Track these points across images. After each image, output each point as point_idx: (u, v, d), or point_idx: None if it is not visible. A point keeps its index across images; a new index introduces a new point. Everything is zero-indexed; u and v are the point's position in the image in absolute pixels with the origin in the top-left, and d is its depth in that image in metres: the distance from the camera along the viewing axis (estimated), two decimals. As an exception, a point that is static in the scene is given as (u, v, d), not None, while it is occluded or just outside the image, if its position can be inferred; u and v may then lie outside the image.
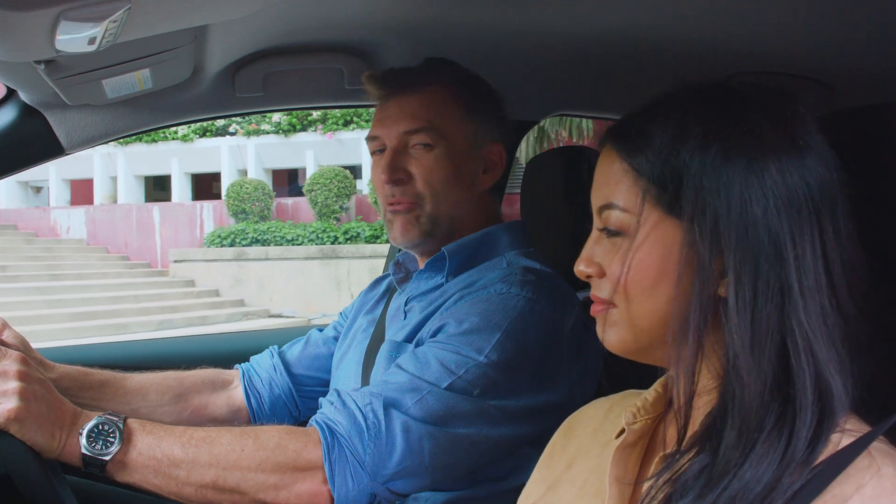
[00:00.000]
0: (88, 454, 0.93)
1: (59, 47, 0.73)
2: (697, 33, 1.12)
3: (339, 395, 1.01)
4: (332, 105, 1.60)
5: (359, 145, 13.01)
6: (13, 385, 0.92)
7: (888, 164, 0.80)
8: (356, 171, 13.44)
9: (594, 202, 0.73)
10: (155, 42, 0.96)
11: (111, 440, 0.93)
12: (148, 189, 15.79)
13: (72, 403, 0.97)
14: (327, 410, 1.00)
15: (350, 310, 1.43)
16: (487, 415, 1.01)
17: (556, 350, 1.07)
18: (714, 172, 0.64)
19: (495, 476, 1.09)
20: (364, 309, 1.38)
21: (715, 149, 0.65)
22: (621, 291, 0.69)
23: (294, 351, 1.40)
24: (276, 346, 1.42)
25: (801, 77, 1.18)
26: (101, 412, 0.96)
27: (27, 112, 1.25)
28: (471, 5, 1.10)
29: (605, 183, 0.72)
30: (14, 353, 0.96)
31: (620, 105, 1.58)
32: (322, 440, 0.96)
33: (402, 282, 1.28)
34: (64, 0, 0.64)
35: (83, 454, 0.93)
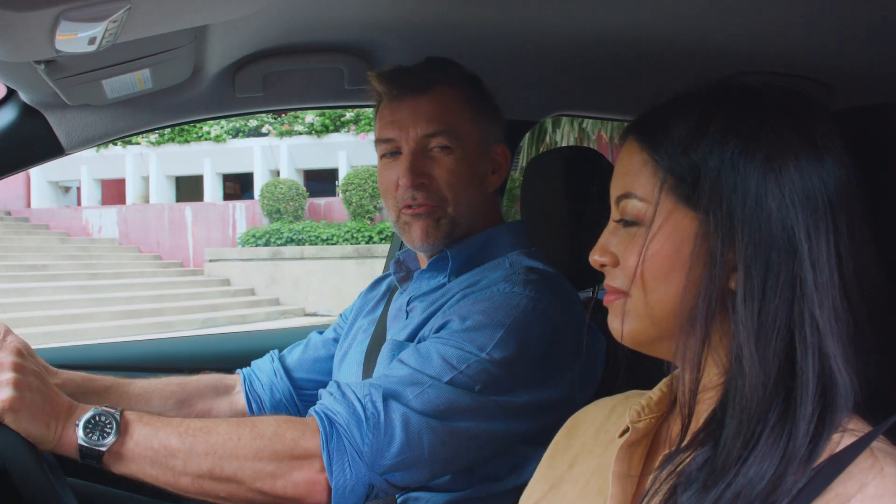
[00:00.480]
0: (85, 445, 0.92)
1: (59, 47, 0.73)
2: (697, 33, 1.12)
3: (339, 387, 1.01)
4: (333, 105, 1.59)
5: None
6: (7, 376, 0.92)
7: (888, 164, 0.80)
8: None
9: (613, 192, 0.73)
10: (155, 42, 0.96)
11: (108, 431, 0.93)
12: (179, 189, 15.81)
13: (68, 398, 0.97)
14: (326, 401, 1.00)
15: (350, 311, 1.43)
16: (488, 410, 1.01)
17: (558, 348, 1.07)
18: (732, 167, 0.65)
19: (493, 475, 1.09)
20: (364, 310, 1.38)
21: (734, 144, 0.65)
22: (638, 281, 0.69)
23: (294, 355, 1.40)
24: (277, 351, 1.42)
25: (801, 77, 1.18)
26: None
27: (27, 112, 1.25)
28: (471, 5, 1.10)
29: (625, 173, 0.72)
30: (9, 345, 0.96)
31: (620, 105, 1.59)
32: (320, 429, 0.95)
33: (403, 281, 1.28)
34: (64, 0, 0.64)
35: (80, 445, 0.93)
